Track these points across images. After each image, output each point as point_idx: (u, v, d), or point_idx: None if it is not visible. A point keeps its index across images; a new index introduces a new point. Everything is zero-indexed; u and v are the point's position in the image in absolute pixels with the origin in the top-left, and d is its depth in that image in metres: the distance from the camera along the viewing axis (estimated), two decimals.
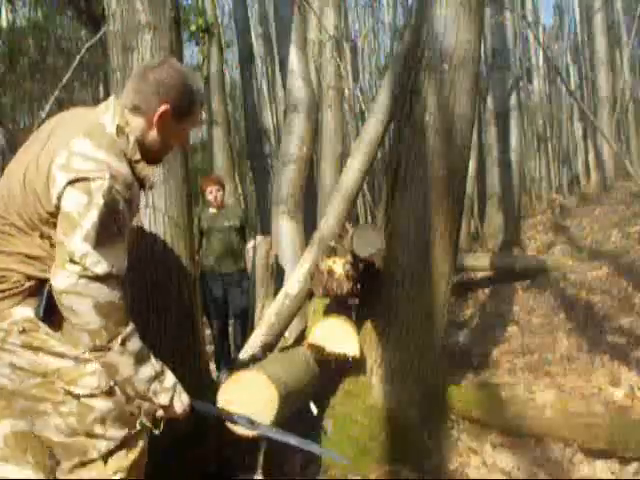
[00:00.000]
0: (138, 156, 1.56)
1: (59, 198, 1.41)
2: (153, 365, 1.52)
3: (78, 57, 4.18)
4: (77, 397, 1.49)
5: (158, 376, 1.52)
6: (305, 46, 5.22)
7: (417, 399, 2.76)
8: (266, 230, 5.57)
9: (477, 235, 10.16)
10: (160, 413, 1.57)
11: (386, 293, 2.82)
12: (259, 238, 4.29)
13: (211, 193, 4.66)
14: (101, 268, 1.39)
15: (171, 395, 1.55)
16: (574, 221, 8.23)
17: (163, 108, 1.55)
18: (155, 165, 1.71)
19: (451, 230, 2.84)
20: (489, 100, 9.74)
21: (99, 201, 1.40)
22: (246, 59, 9.27)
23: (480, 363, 3.83)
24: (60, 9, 8.99)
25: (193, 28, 8.05)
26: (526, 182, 13.44)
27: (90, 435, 1.51)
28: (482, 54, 5.32)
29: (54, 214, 1.43)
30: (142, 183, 1.59)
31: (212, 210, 4.72)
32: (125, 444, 1.55)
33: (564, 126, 15.59)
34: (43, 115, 4.67)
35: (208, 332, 4.53)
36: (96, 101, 9.62)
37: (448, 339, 4.01)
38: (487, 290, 5.89)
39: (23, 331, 1.47)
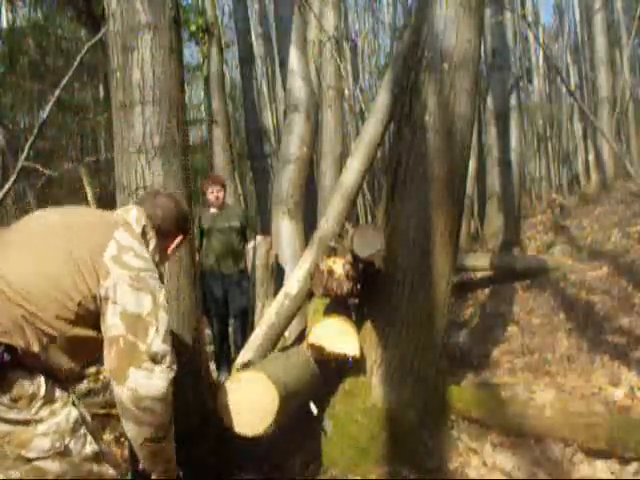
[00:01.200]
0: (157, 258, 1.68)
1: (108, 290, 1.43)
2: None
3: (79, 57, 4.17)
4: (28, 461, 1.38)
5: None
6: (305, 46, 5.22)
7: (417, 399, 2.76)
8: (266, 230, 5.57)
9: (477, 235, 10.17)
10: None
11: (386, 293, 2.82)
12: (259, 238, 4.29)
13: (212, 193, 4.65)
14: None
15: None
16: (574, 221, 8.23)
17: (181, 238, 1.81)
18: None
19: (451, 230, 2.83)
20: (489, 100, 9.73)
21: (163, 302, 1.49)
22: (246, 59, 9.26)
23: (480, 363, 3.83)
24: (60, 9, 8.98)
25: (193, 28, 8.03)
26: (526, 182, 13.46)
27: None
28: (482, 54, 5.32)
29: (93, 298, 1.44)
30: None
31: (212, 210, 4.71)
32: None
33: (564, 126, 15.61)
34: (44, 116, 4.67)
35: (208, 332, 4.53)
36: (96, 101, 9.63)
37: (448, 339, 4.01)
38: (487, 290, 5.88)
39: None
